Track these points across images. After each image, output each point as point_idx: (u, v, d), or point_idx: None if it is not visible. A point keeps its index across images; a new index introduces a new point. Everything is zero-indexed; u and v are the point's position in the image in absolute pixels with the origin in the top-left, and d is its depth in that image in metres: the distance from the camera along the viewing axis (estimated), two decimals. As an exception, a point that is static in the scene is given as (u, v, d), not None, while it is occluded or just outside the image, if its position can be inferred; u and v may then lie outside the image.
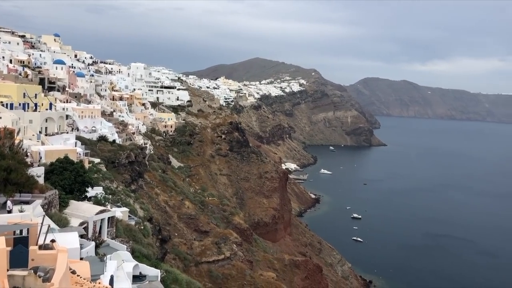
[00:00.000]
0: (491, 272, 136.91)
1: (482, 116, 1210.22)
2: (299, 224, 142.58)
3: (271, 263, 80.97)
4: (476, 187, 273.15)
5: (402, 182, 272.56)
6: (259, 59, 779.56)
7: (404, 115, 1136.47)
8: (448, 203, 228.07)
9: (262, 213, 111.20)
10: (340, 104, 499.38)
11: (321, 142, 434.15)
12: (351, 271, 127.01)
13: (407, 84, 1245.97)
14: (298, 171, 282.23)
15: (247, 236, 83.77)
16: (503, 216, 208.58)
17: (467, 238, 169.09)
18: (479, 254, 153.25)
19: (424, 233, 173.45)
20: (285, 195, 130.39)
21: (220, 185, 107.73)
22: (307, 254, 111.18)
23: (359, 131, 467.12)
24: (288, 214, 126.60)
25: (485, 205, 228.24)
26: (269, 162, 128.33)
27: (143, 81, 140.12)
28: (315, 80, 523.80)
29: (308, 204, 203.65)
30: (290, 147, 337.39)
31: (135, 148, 70.08)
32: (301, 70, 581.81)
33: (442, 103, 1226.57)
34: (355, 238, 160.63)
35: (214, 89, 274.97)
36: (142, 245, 34.20)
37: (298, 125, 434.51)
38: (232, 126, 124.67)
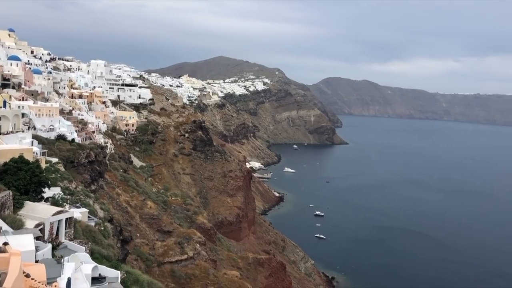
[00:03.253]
0: (446, 265, 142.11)
1: (440, 115, 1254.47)
2: (263, 223, 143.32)
3: (235, 262, 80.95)
4: (433, 183, 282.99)
5: (363, 179, 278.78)
6: (223, 57, 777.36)
7: (365, 114, 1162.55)
8: (406, 199, 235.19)
9: (226, 212, 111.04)
10: (304, 103, 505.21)
11: (285, 140, 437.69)
12: (314, 268, 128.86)
13: (368, 83, 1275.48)
14: (262, 169, 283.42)
15: (211, 235, 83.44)
16: (458, 211, 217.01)
17: (425, 233, 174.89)
18: (436, 248, 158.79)
19: (384, 228, 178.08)
20: (249, 194, 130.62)
21: (183, 184, 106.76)
22: (271, 252, 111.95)
23: (322, 130, 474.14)
24: (252, 212, 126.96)
25: (441, 201, 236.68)
26: (233, 161, 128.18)
27: (104, 79, 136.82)
28: (278, 79, 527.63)
29: (272, 202, 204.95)
30: (255, 145, 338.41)
31: (95, 147, 68.40)
32: (264, 69, 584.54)
33: (402, 103, 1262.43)
34: (318, 235, 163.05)
35: (177, 88, 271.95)
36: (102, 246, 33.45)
37: (262, 124, 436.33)
38: (196, 125, 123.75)
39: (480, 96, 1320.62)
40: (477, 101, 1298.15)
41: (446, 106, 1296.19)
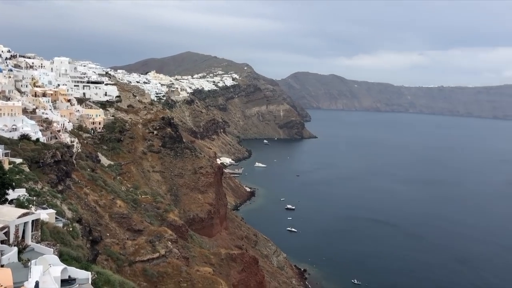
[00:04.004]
0: (416, 254, 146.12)
1: (405, 107, 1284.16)
2: (235, 218, 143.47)
3: (208, 258, 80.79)
4: (400, 174, 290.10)
5: (333, 172, 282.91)
6: (190, 53, 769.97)
7: (333, 108, 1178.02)
8: (374, 190, 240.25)
9: (198, 208, 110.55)
10: (273, 98, 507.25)
11: (255, 136, 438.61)
12: (286, 261, 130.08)
13: (335, 78, 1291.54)
14: (233, 165, 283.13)
15: (183, 232, 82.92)
16: (424, 200, 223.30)
17: (393, 223, 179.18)
18: (404, 237, 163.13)
19: (354, 219, 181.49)
20: (220, 190, 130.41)
21: (153, 182, 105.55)
22: (243, 247, 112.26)
23: (291, 124, 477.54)
24: (223, 208, 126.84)
25: (408, 191, 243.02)
26: (203, 157, 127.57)
27: (68, 76, 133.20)
28: (247, 75, 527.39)
29: (243, 197, 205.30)
30: (225, 141, 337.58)
31: (61, 146, 66.69)
32: (233, 65, 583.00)
33: (368, 96, 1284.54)
34: (290, 229, 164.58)
35: (144, 84, 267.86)
36: (71, 247, 32.78)
37: (232, 119, 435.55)
38: (165, 122, 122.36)
39: (443, 89, 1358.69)
40: (441, 94, 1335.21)
41: (411, 98, 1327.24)
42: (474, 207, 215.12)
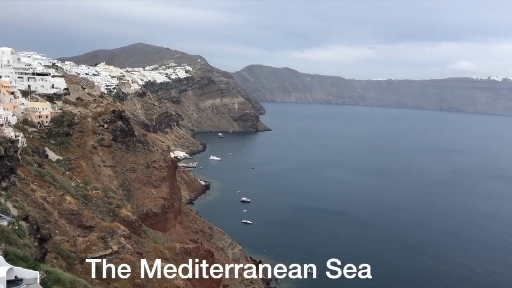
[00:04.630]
0: (366, 241, 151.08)
1: (356, 100, 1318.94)
2: (190, 212, 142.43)
3: (162, 253, 79.84)
4: (351, 164, 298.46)
5: (287, 164, 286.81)
6: (141, 44, 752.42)
7: (287, 100, 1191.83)
8: (328, 181, 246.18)
9: (151, 203, 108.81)
10: (227, 91, 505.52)
11: (209, 129, 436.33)
12: (241, 253, 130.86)
13: (288, 71, 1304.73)
14: (187, 158, 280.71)
15: (136, 228, 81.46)
16: (374, 190, 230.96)
17: (345, 212, 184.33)
18: (356, 226, 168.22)
19: (307, 209, 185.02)
20: (174, 184, 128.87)
21: (104, 177, 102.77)
22: (198, 241, 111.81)
23: (246, 117, 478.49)
24: (178, 202, 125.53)
25: (358, 181, 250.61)
26: (156, 151, 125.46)
27: (11, 68, 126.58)
28: (201, 67, 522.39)
29: (198, 191, 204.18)
30: (179, 135, 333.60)
31: (5, 141, 63.49)
32: (186, 57, 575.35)
33: (320, 89, 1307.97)
34: (245, 221, 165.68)
35: (94, 76, 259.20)
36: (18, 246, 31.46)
37: (186, 112, 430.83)
38: (115, 115, 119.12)
39: (392, 82, 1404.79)
40: (389, 86, 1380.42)
41: (361, 91, 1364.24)
42: (421, 195, 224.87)
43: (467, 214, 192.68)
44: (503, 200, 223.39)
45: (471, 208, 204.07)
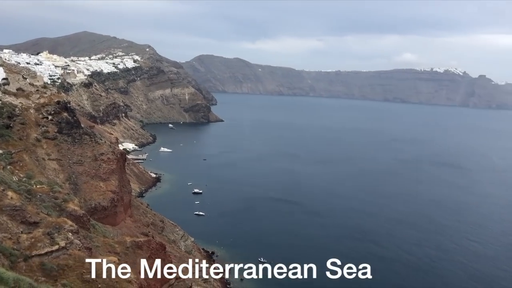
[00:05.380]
0: (317, 229, 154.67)
1: (306, 91, 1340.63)
2: (140, 205, 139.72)
3: (112, 247, 77.88)
4: (301, 154, 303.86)
5: (239, 155, 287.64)
6: (87, 33, 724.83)
7: (238, 91, 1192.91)
8: (278, 170, 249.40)
9: (100, 197, 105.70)
10: (177, 81, 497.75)
11: (159, 120, 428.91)
12: (194, 245, 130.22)
13: (240, 61, 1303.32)
14: (136, 150, 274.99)
15: (84, 222, 78.87)
16: (323, 179, 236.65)
17: (295, 201, 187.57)
18: (307, 214, 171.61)
19: (259, 200, 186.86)
20: (123, 177, 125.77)
21: (49, 171, 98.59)
22: (150, 234, 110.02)
23: (197, 108, 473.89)
24: (128, 195, 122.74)
25: (308, 171, 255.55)
26: (104, 143, 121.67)
27: None
28: (150, 56, 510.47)
29: (148, 183, 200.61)
30: (127, 126, 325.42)
31: None
32: (134, 46, 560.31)
33: (272, 80, 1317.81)
34: (197, 213, 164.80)
35: (36, 65, 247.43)
36: (-46, 246, 29.62)
37: (135, 103, 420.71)
38: (60, 106, 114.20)
39: (340, 73, 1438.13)
40: (338, 78, 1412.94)
41: (311, 82, 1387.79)
42: (368, 183, 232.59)
43: (411, 201, 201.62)
44: (445, 187, 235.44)
45: (415, 195, 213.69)
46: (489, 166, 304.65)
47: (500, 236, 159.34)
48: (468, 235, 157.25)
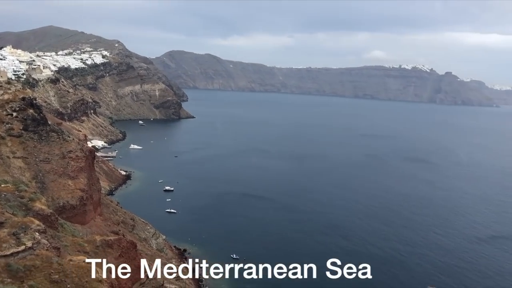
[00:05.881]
0: (289, 224, 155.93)
1: (277, 87, 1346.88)
2: (110, 203, 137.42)
3: (82, 247, 76.45)
4: (273, 150, 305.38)
5: (211, 151, 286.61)
6: (53, 27, 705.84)
7: (210, 87, 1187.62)
8: (249, 166, 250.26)
9: (68, 195, 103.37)
10: (147, 77, 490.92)
11: (129, 116, 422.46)
12: (165, 242, 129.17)
13: (211, 57, 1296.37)
14: (106, 148, 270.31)
15: (52, 222, 77.06)
16: (295, 174, 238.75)
17: (267, 196, 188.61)
18: (278, 209, 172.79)
19: (231, 196, 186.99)
20: (93, 175, 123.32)
21: (14, 169, 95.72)
22: (120, 232, 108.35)
23: (168, 104, 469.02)
24: (97, 194, 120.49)
25: (280, 166, 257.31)
26: (72, 141, 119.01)
27: None
28: (119, 52, 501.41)
29: (119, 181, 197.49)
30: (96, 123, 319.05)
31: None
32: (103, 41, 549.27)
33: (243, 76, 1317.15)
34: (169, 210, 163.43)
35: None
36: None
37: (104, 100, 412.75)
38: (26, 102, 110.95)
39: (311, 70, 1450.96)
40: (309, 74, 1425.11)
41: (282, 79, 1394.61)
42: (338, 178, 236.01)
43: (380, 195, 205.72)
44: (413, 181, 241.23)
45: (384, 190, 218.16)
46: (455, 161, 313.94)
47: (464, 229, 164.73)
48: (434, 229, 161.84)
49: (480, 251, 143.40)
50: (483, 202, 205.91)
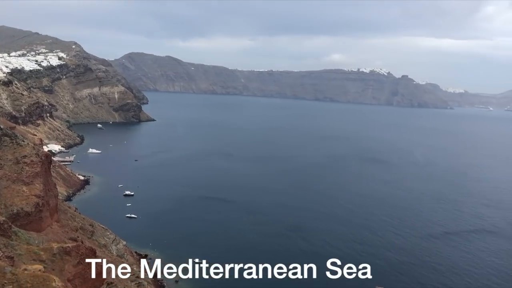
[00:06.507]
0: (253, 226, 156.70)
1: (239, 90, 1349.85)
2: (68, 209, 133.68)
3: (37, 255, 74.29)
4: (236, 153, 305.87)
5: (172, 154, 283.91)
6: (5, 27, 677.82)
7: (171, 90, 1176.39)
8: (212, 169, 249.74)
9: (23, 202, 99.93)
10: (106, 79, 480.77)
11: (87, 120, 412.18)
12: (126, 248, 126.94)
13: (172, 60, 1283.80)
14: (63, 152, 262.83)
15: (5, 230, 74.51)
16: (258, 176, 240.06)
17: (230, 199, 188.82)
18: (241, 212, 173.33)
19: (193, 200, 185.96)
20: (49, 180, 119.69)
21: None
22: (79, 239, 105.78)
23: (128, 107, 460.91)
24: (54, 200, 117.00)
25: (243, 169, 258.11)
26: (27, 145, 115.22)
27: None
28: (76, 54, 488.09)
29: (77, 186, 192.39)
30: (53, 127, 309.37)
31: None
32: (59, 42, 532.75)
33: (205, 79, 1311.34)
34: (129, 215, 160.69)
35: None
36: None
37: (61, 103, 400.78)
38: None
39: (273, 73, 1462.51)
40: (271, 77, 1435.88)
41: (244, 81, 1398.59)
42: (298, 180, 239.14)
43: (340, 196, 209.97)
44: (371, 181, 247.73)
45: (344, 190, 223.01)
46: (411, 161, 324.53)
47: (419, 228, 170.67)
48: (392, 228, 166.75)
49: (433, 249, 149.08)
50: (438, 201, 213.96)
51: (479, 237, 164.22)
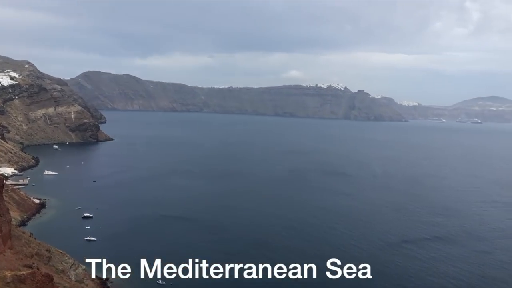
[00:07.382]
0: (215, 244, 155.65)
1: (200, 107, 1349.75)
2: (22, 235, 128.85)
3: (-10, 284, 71.79)
4: (197, 170, 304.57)
5: (132, 174, 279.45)
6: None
7: (130, 108, 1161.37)
8: (173, 187, 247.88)
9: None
10: (62, 99, 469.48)
11: (42, 141, 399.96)
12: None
13: (130, 78, 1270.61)
14: (16, 175, 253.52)
15: (-45, 259, 71.55)
16: (221, 192, 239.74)
17: (192, 217, 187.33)
18: (204, 230, 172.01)
19: (154, 218, 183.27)
20: (1, 205, 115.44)
21: None
22: (34, 265, 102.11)
23: (85, 127, 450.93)
24: (7, 225, 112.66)
25: (204, 186, 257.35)
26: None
27: None
28: (29, 73, 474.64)
29: (32, 210, 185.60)
30: (5, 149, 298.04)
31: None
32: (11, 62, 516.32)
33: (164, 96, 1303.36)
34: (88, 238, 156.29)
35: None
36: None
37: (13, 124, 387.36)
38: None
39: (233, 89, 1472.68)
40: (230, 94, 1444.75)
41: (204, 98, 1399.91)
42: (261, 194, 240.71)
43: (301, 210, 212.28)
44: (332, 194, 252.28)
45: (305, 204, 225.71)
46: (370, 173, 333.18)
47: (377, 239, 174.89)
48: (351, 241, 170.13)
49: (390, 259, 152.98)
50: (395, 211, 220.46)
51: (435, 245, 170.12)
